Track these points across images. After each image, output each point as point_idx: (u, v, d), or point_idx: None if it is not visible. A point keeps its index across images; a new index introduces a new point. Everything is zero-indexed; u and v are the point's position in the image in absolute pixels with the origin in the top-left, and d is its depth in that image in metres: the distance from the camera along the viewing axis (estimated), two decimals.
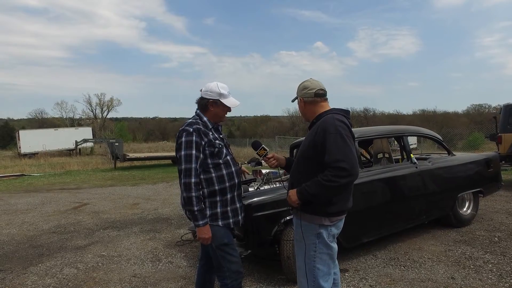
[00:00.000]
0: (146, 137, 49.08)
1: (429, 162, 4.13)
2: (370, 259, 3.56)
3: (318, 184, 1.82)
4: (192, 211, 2.03)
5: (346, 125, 1.90)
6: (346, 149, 1.81)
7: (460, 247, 3.69)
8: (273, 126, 47.84)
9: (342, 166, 1.77)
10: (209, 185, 2.11)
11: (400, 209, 3.74)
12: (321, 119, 1.95)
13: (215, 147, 2.11)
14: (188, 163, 2.03)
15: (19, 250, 4.44)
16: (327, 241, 1.97)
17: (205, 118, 2.17)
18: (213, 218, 2.12)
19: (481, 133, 17.14)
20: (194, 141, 2.04)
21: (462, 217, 4.38)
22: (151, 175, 13.04)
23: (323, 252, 1.98)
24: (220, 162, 2.13)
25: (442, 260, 3.40)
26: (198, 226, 2.05)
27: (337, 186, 1.79)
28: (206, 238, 2.08)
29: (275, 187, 3.30)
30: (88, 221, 5.87)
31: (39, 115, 53.57)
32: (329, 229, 1.97)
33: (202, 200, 2.07)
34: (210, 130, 2.15)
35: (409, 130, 4.43)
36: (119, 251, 4.22)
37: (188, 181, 2.02)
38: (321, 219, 1.94)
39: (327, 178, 1.79)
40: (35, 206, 7.44)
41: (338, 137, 1.82)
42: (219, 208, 2.14)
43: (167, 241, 4.53)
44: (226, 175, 2.14)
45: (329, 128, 1.85)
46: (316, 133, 1.90)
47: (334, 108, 2.04)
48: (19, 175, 15.06)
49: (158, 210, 6.58)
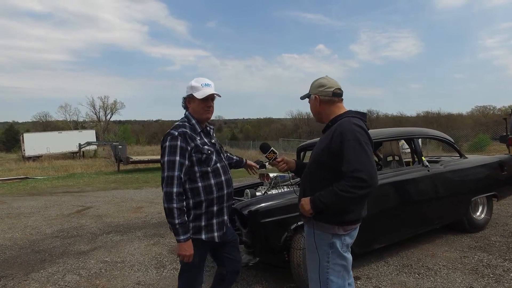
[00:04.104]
0: (149, 140, 49.16)
1: (441, 165, 4.00)
2: (382, 266, 3.43)
3: (333, 194, 1.70)
4: (173, 224, 1.83)
5: (364, 130, 1.78)
6: (365, 158, 1.68)
7: (476, 254, 3.54)
8: (276, 129, 47.78)
9: (360, 176, 1.64)
10: (195, 195, 1.92)
11: (412, 214, 3.61)
12: (337, 123, 1.82)
13: (203, 153, 1.92)
14: (170, 171, 1.84)
15: (21, 255, 4.36)
16: (340, 251, 1.86)
17: (194, 121, 1.98)
18: (195, 230, 1.94)
19: (486, 135, 16.96)
20: (179, 146, 1.85)
21: (476, 222, 4.23)
22: (154, 178, 12.97)
23: (337, 263, 1.86)
24: (209, 170, 1.94)
25: (458, 267, 3.26)
26: (179, 241, 1.85)
27: (354, 197, 1.67)
28: (187, 255, 1.87)
29: (283, 191, 3.18)
30: (91, 225, 5.78)
31: (43, 118, 53.90)
32: (343, 239, 1.85)
33: (185, 212, 1.87)
34: (198, 134, 1.96)
35: (420, 132, 4.31)
36: (122, 257, 4.12)
37: (169, 191, 1.82)
38: (334, 228, 1.82)
39: (344, 188, 1.66)
40: (38, 210, 7.38)
41: (356, 145, 1.69)
42: (204, 220, 1.95)
43: (171, 247, 4.42)
44: (215, 185, 1.95)
45: (347, 134, 1.72)
46: (332, 138, 1.77)
47: (351, 110, 1.91)
48: (23, 178, 15.08)
49: (161, 214, 6.49)
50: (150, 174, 14.48)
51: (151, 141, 48.67)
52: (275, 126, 50.65)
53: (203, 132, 2.01)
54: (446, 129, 19.44)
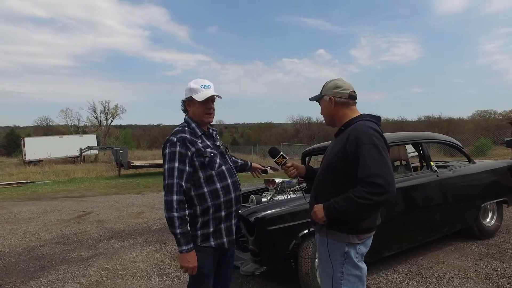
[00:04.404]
0: (150, 145, 49.09)
1: (449, 170, 3.92)
2: (392, 274, 3.33)
3: (349, 200, 1.62)
4: (175, 234, 1.74)
5: (380, 134, 1.70)
6: (382, 162, 1.60)
7: (488, 262, 3.44)
8: (277, 133, 47.66)
9: (377, 182, 1.56)
10: (202, 201, 1.83)
11: (422, 220, 3.52)
12: (352, 127, 1.74)
13: (205, 156, 1.84)
14: (170, 178, 1.76)
15: (20, 262, 4.26)
16: (355, 261, 1.77)
17: (194, 124, 1.91)
18: (204, 238, 1.84)
19: (488, 139, 16.89)
20: (178, 152, 1.77)
21: (486, 229, 4.13)
22: (155, 183, 12.86)
23: (351, 273, 1.78)
24: (213, 174, 1.85)
25: (471, 276, 3.16)
26: (181, 252, 1.75)
27: (371, 204, 1.59)
28: (190, 267, 1.77)
29: (290, 197, 3.10)
30: (92, 231, 5.69)
31: (45, 123, 53.97)
32: (358, 248, 1.77)
33: (187, 221, 1.77)
34: (199, 137, 1.88)
35: (428, 136, 4.22)
36: (124, 264, 4.02)
37: (169, 199, 1.73)
38: (349, 237, 1.73)
39: (360, 194, 1.58)
40: (38, 215, 7.28)
41: (372, 149, 1.61)
42: (212, 226, 1.85)
43: (173, 254, 4.32)
44: (221, 189, 1.86)
45: (363, 137, 1.64)
46: (347, 142, 1.69)
47: (364, 113, 1.83)
48: (23, 182, 14.98)
49: (163, 219, 6.38)
50: (151, 179, 14.38)
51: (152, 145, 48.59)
52: (276, 130, 50.55)
53: (204, 134, 1.93)
54: (447, 133, 19.36)
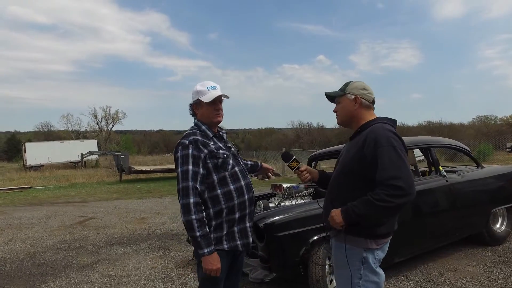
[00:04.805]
0: (151, 150, 49.06)
1: (458, 175, 3.86)
2: (402, 281, 3.26)
3: (368, 204, 1.57)
4: (195, 237, 1.71)
5: (398, 136, 1.67)
6: (401, 165, 1.56)
7: (502, 269, 3.37)
8: (277, 139, 47.64)
9: (397, 184, 1.52)
10: (215, 204, 1.80)
11: (433, 226, 3.45)
12: (369, 129, 1.71)
13: (218, 157, 1.82)
14: (185, 181, 1.73)
15: (22, 269, 4.19)
16: (373, 266, 1.72)
17: (204, 127, 1.89)
18: (217, 241, 1.80)
19: (489, 144, 16.88)
20: (191, 154, 1.76)
21: (497, 235, 4.07)
22: (157, 188, 12.79)
23: (369, 279, 1.72)
24: (226, 175, 1.83)
25: (485, 284, 3.09)
26: (203, 255, 1.72)
27: (392, 207, 1.54)
28: (214, 269, 1.73)
29: (299, 203, 3.04)
30: (94, 237, 5.61)
31: (45, 128, 54.04)
32: (376, 253, 1.72)
33: (205, 223, 1.74)
34: (211, 139, 1.87)
35: (437, 141, 4.18)
36: (127, 270, 3.95)
37: (186, 202, 1.70)
38: (367, 242, 1.68)
39: (380, 197, 1.54)
40: (40, 220, 7.21)
41: (391, 151, 1.58)
42: (225, 229, 1.82)
43: (178, 260, 4.25)
44: (235, 190, 1.83)
45: (381, 140, 1.61)
46: (365, 144, 1.65)
47: (381, 116, 1.81)
48: (24, 187, 14.91)
49: (166, 225, 6.32)
50: (153, 184, 14.31)
51: (153, 151, 48.59)
52: (276, 136, 50.56)
53: (215, 136, 1.92)
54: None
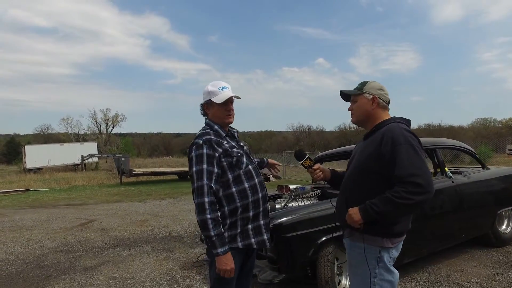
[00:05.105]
0: (151, 153, 49.04)
1: (464, 176, 3.86)
2: (409, 282, 3.24)
3: (387, 201, 1.57)
4: (209, 237, 1.70)
5: (415, 135, 1.68)
6: (420, 162, 1.58)
7: (510, 270, 3.35)
8: (277, 141, 47.68)
9: (417, 181, 1.53)
10: (230, 202, 1.80)
11: (440, 227, 3.44)
12: (385, 128, 1.71)
13: (233, 156, 1.83)
14: (199, 180, 1.73)
15: (25, 271, 4.15)
16: (388, 265, 1.73)
17: (216, 126, 1.90)
18: (230, 239, 1.79)
19: (488, 147, 16.92)
20: (206, 154, 1.76)
21: (503, 236, 4.05)
22: (158, 191, 12.76)
23: (384, 278, 1.72)
24: (241, 173, 1.84)
25: (494, 285, 3.07)
26: (217, 254, 1.71)
27: (411, 204, 1.54)
28: (228, 269, 1.72)
29: (307, 204, 3.03)
30: (96, 239, 5.58)
31: (45, 131, 53.95)
32: (391, 252, 1.73)
33: (220, 222, 1.74)
34: (224, 138, 1.88)
35: (443, 142, 4.17)
36: (132, 273, 3.92)
37: (200, 201, 1.70)
38: (383, 240, 1.68)
39: (399, 195, 1.54)
40: (41, 223, 7.16)
41: (409, 149, 1.59)
42: (239, 227, 1.81)
43: (182, 262, 4.22)
44: (249, 188, 1.84)
45: (399, 138, 1.62)
46: (381, 143, 1.66)
47: (395, 116, 1.82)
48: (24, 190, 14.85)
49: (168, 227, 6.29)
50: (153, 187, 14.27)
51: (152, 153, 48.57)
52: (276, 139, 50.60)
53: (228, 136, 1.93)
54: None
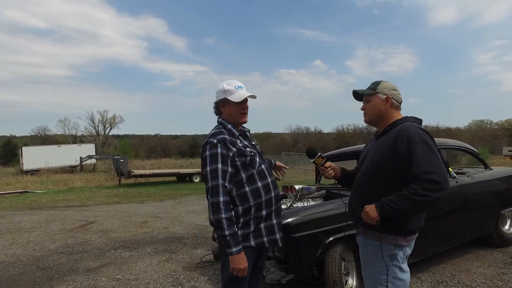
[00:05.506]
0: (148, 154, 48.84)
1: (467, 176, 3.87)
2: (415, 282, 3.23)
3: (404, 198, 1.57)
4: (224, 236, 1.70)
5: (429, 134, 1.69)
6: (436, 160, 1.59)
7: None
8: (275, 143, 47.70)
9: (433, 178, 1.54)
10: (244, 201, 1.81)
11: (444, 227, 3.43)
12: (399, 127, 1.72)
13: (246, 155, 1.83)
14: (214, 180, 1.73)
15: (26, 273, 4.11)
16: (401, 263, 1.72)
17: (230, 125, 1.89)
18: (243, 237, 1.79)
19: (485, 148, 17.12)
20: (220, 153, 1.76)
21: (506, 236, 4.06)
22: (157, 192, 12.71)
23: (397, 277, 1.71)
24: (254, 173, 1.84)
25: (499, 285, 3.07)
26: (231, 254, 1.71)
27: (429, 201, 1.54)
28: (242, 268, 1.73)
29: (313, 204, 3.02)
30: (97, 241, 5.53)
31: (42, 132, 53.65)
32: (404, 250, 1.73)
33: (234, 222, 1.75)
34: (237, 137, 1.87)
35: (446, 143, 4.18)
36: (135, 274, 3.89)
37: (215, 201, 1.71)
38: (397, 238, 1.68)
39: (416, 192, 1.54)
40: (40, 224, 7.10)
41: (425, 147, 1.61)
42: (252, 226, 1.82)
43: (185, 263, 4.19)
44: (262, 188, 1.84)
45: (414, 137, 1.63)
46: (396, 142, 1.66)
47: (408, 116, 1.83)
48: (22, 191, 14.74)
49: (169, 228, 6.26)
50: (152, 188, 14.22)
51: (150, 155, 48.38)
52: (274, 140, 50.60)
53: (241, 135, 1.92)
54: None
